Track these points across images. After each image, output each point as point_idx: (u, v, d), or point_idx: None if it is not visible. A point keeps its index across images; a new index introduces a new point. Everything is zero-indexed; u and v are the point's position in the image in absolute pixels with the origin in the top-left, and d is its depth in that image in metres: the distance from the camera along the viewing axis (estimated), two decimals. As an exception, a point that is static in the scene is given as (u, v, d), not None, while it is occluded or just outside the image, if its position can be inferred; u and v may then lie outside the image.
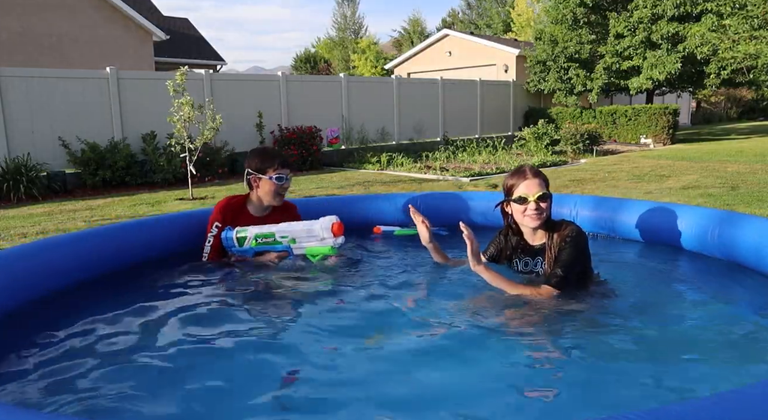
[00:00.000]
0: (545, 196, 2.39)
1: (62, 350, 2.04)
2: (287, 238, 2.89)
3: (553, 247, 2.37)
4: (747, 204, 6.05)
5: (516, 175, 2.44)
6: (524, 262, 2.51)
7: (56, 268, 2.65)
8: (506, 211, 2.53)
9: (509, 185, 2.44)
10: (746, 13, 12.69)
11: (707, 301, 2.53)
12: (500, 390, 1.75)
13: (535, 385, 1.79)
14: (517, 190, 2.40)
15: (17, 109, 8.79)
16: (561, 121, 15.94)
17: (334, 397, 1.71)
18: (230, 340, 2.13)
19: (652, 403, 1.62)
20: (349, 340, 2.07)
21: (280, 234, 2.89)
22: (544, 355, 1.98)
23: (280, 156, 3.07)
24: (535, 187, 2.38)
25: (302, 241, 2.88)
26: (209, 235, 2.99)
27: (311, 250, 2.88)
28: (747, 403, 1.24)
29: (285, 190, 3.08)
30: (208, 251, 2.98)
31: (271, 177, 2.99)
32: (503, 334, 2.13)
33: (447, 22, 42.89)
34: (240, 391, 1.75)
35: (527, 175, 2.40)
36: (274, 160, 3.02)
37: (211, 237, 2.97)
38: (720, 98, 31.81)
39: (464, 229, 2.33)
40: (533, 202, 2.36)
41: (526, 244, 2.51)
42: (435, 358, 1.92)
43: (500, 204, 2.55)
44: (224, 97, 10.98)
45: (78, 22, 15.81)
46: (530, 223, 2.40)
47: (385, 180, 9.42)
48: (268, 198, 3.04)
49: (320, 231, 2.83)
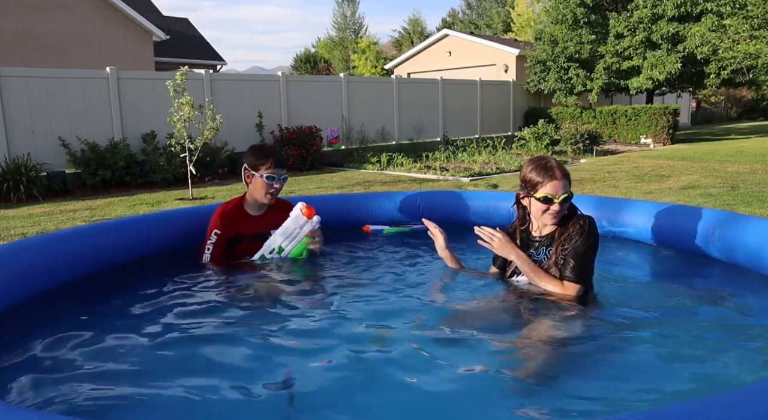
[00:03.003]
0: (569, 198, 2.31)
1: (61, 349, 2.04)
2: (274, 250, 2.94)
3: (565, 238, 2.29)
4: (747, 204, 6.05)
5: (543, 171, 2.29)
6: (528, 254, 2.42)
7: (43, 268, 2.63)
8: (522, 204, 2.42)
9: (535, 181, 2.30)
10: (746, 13, 12.68)
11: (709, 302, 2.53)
12: (500, 395, 1.75)
13: (535, 388, 1.79)
14: (543, 188, 2.27)
15: (17, 109, 8.79)
16: (561, 121, 15.93)
17: (333, 401, 1.70)
18: (225, 341, 2.12)
19: (653, 404, 1.62)
20: (348, 343, 2.06)
21: (267, 253, 2.95)
22: (545, 357, 1.98)
23: (275, 155, 3.02)
24: (561, 189, 2.27)
25: (286, 246, 2.95)
26: (208, 242, 2.96)
27: (293, 253, 2.95)
28: (747, 403, 1.24)
29: (277, 191, 3.03)
30: (209, 257, 2.96)
31: (262, 175, 2.96)
32: (503, 340, 2.12)
33: (447, 22, 42.88)
34: (236, 393, 1.75)
35: (556, 175, 2.27)
36: (268, 159, 2.97)
37: (211, 245, 2.95)
38: (720, 98, 31.81)
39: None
40: (558, 204, 2.27)
41: (530, 235, 2.44)
42: (435, 360, 1.92)
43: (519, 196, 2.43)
44: (224, 97, 10.98)
45: (78, 22, 15.81)
46: (549, 221, 2.33)
47: (385, 180, 9.42)
48: (260, 195, 3.02)
49: (294, 223, 2.89)
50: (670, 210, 3.20)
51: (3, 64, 13.20)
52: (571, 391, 1.73)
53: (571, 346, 2.04)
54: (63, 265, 2.72)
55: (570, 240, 2.28)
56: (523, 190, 2.38)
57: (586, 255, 2.27)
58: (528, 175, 2.34)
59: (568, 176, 2.32)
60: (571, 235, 2.28)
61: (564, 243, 2.30)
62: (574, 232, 2.28)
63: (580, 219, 2.32)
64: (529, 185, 2.34)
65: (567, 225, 2.32)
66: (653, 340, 2.06)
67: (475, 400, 1.69)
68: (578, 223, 2.30)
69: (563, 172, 2.31)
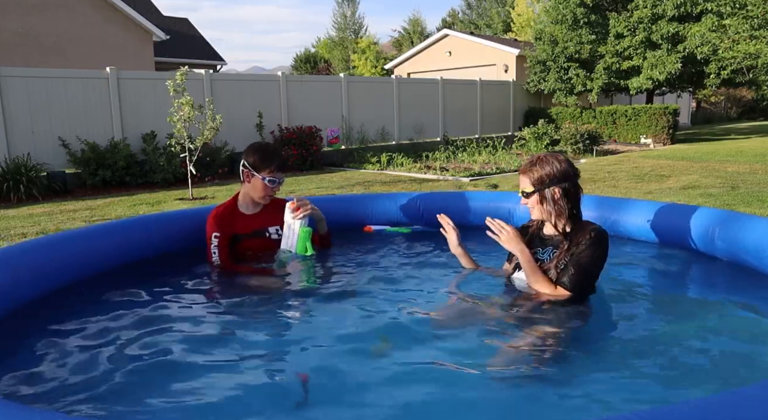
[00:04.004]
0: (524, 194, 2.35)
1: (61, 348, 2.04)
2: (288, 253, 2.97)
3: (570, 244, 2.27)
4: (747, 204, 6.05)
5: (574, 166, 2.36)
6: (534, 251, 2.40)
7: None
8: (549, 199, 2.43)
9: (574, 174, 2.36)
10: (746, 13, 12.68)
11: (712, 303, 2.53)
12: (500, 395, 1.75)
13: (535, 388, 1.78)
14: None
15: (17, 109, 8.79)
16: (561, 121, 15.93)
17: (333, 401, 1.70)
18: (226, 341, 2.13)
19: (652, 404, 1.62)
20: (352, 345, 2.06)
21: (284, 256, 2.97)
22: (545, 357, 1.98)
23: (279, 159, 2.99)
24: (521, 182, 2.36)
25: (291, 246, 2.96)
26: (212, 246, 2.92)
27: (299, 251, 2.95)
28: (747, 402, 1.24)
29: (275, 193, 3.05)
30: (218, 261, 2.91)
31: (264, 178, 2.94)
32: (503, 340, 2.12)
33: (447, 22, 42.87)
34: (236, 395, 1.75)
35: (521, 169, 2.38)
36: (272, 162, 2.95)
37: (215, 248, 2.91)
38: (720, 98, 31.81)
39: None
40: (522, 197, 2.36)
41: (541, 233, 2.43)
42: (435, 360, 1.92)
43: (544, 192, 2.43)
44: (224, 97, 10.98)
45: (78, 22, 15.81)
46: (531, 214, 2.38)
47: (385, 180, 9.42)
48: (257, 196, 3.01)
49: (290, 219, 2.94)
50: (669, 209, 3.20)
51: (3, 64, 13.20)
52: (572, 390, 1.73)
53: (571, 346, 2.04)
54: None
55: (576, 247, 2.26)
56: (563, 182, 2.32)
57: (587, 266, 2.24)
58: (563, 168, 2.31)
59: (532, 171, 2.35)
60: (579, 243, 2.26)
61: (570, 249, 2.27)
62: (583, 241, 2.25)
63: (592, 230, 2.28)
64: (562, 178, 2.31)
65: (578, 233, 2.29)
66: (653, 339, 2.06)
67: (475, 400, 1.69)
68: (590, 233, 2.26)
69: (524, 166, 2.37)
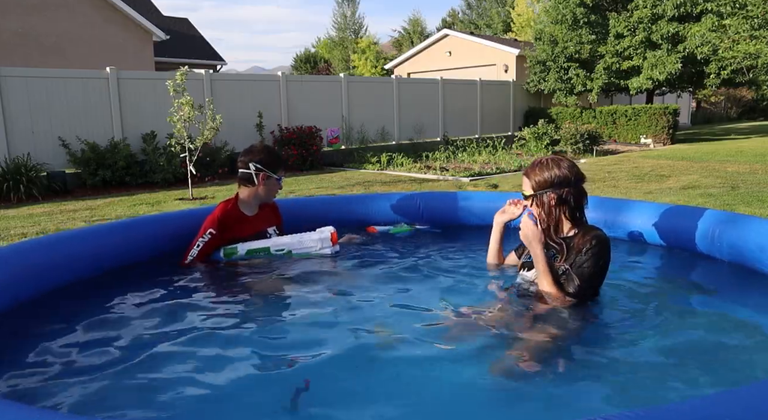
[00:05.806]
0: (524, 196, 2.38)
1: (61, 348, 2.04)
2: (283, 250, 2.98)
3: (570, 249, 2.26)
4: (747, 204, 6.05)
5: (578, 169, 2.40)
6: None
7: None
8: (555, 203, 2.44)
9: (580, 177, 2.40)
10: (746, 13, 12.67)
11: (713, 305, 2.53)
12: (499, 395, 1.75)
13: (536, 388, 1.79)
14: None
15: (17, 109, 8.79)
16: (561, 121, 15.93)
17: (333, 400, 1.70)
18: (227, 341, 2.12)
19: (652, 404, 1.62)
20: (350, 343, 2.05)
21: (275, 248, 2.98)
22: (545, 359, 1.98)
23: (283, 159, 3.21)
24: (523, 183, 2.40)
25: (297, 251, 3.00)
26: (200, 239, 2.92)
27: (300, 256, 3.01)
28: (747, 402, 1.24)
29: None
30: (195, 255, 2.91)
31: (280, 178, 3.07)
32: (504, 340, 2.12)
33: (447, 22, 42.87)
34: (236, 395, 1.75)
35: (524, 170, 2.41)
36: (281, 162, 3.13)
37: (202, 242, 2.91)
38: (720, 98, 31.81)
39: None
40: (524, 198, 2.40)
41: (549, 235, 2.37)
42: (435, 360, 1.92)
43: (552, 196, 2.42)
44: (224, 97, 10.98)
45: (78, 22, 15.81)
46: None
47: (385, 180, 9.42)
48: (268, 196, 3.05)
49: (316, 243, 3.00)
50: (671, 210, 3.20)
51: (3, 64, 13.21)
52: (572, 390, 1.73)
53: (572, 347, 2.04)
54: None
55: (578, 255, 2.23)
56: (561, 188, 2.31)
57: (592, 276, 2.23)
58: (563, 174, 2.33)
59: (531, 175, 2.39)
60: (579, 250, 2.23)
61: (570, 254, 2.26)
62: (584, 248, 2.22)
63: (593, 238, 2.23)
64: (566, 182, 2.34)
65: (579, 238, 2.27)
66: (653, 339, 2.06)
67: (475, 399, 1.69)
68: (591, 241, 2.22)
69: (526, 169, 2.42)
